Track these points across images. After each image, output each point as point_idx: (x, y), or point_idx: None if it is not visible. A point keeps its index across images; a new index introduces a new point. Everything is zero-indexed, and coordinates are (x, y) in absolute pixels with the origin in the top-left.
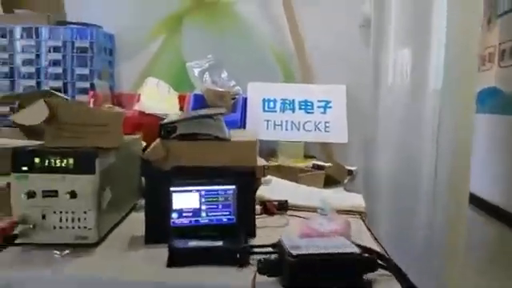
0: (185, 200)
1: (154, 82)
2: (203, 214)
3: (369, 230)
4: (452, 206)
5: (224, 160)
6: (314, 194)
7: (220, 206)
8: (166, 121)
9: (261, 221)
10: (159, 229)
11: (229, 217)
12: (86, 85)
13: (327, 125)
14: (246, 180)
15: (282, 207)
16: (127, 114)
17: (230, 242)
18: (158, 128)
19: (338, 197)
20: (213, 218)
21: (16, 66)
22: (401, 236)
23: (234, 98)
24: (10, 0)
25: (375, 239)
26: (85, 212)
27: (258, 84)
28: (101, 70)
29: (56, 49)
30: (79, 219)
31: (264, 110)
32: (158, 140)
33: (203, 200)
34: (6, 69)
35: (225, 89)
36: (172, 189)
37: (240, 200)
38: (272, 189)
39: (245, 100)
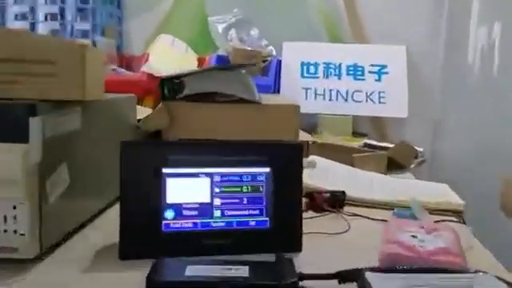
0: (187, 190)
1: (169, 40)
2: (216, 214)
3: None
4: None
5: (251, 131)
6: (380, 182)
7: (245, 201)
8: (169, 75)
9: (306, 222)
10: (143, 237)
11: (259, 218)
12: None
13: (382, 95)
14: (289, 160)
15: (337, 201)
16: (134, 77)
17: (263, 267)
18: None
19: (419, 188)
20: (232, 220)
21: (9, 21)
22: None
23: (265, 61)
24: None
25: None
26: (14, 207)
27: (295, 44)
28: (105, 26)
29: (53, 0)
30: (5, 219)
31: (303, 76)
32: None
33: (217, 190)
34: None
35: (254, 48)
36: (165, 170)
37: (278, 191)
38: (319, 174)
39: (279, 63)
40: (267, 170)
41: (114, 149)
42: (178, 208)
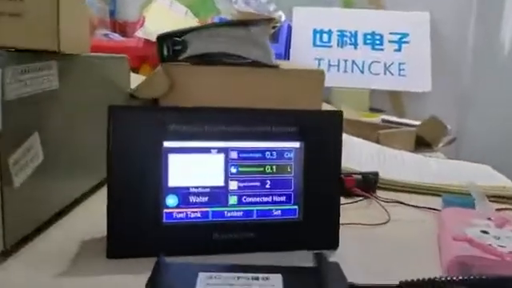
0: (194, 169)
1: (166, 3)
2: (232, 201)
3: None
4: None
5: (267, 100)
6: (413, 162)
7: (268, 184)
8: (169, 31)
9: None
10: (137, 229)
11: (286, 207)
12: None
13: (402, 67)
14: (326, 132)
15: (369, 184)
16: (128, 43)
17: (301, 276)
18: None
19: (459, 170)
20: (252, 208)
21: None
22: None
23: (274, 27)
24: None
25: None
26: None
27: (306, 9)
28: None
29: None
30: None
31: (315, 45)
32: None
33: (233, 170)
34: None
35: (262, 13)
36: (167, 144)
37: (311, 172)
38: (344, 153)
39: (289, 30)
40: (297, 144)
41: (102, 119)
42: (182, 193)
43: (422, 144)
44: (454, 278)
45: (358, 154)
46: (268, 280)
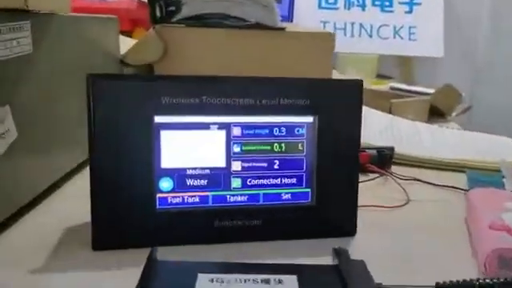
0: (191, 148)
1: None
2: (236, 183)
3: None
4: None
5: (271, 67)
6: (429, 134)
7: (277, 165)
8: None
9: None
10: (126, 217)
11: (297, 190)
12: None
13: (413, 30)
14: (343, 105)
15: (385, 160)
16: (120, 4)
17: (321, 278)
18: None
19: (479, 143)
20: (259, 192)
21: None
22: None
23: None
24: None
25: None
26: None
27: None
28: None
29: None
30: None
31: (320, 7)
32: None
33: (236, 149)
34: None
35: None
36: (159, 119)
37: (325, 151)
38: None
39: None
40: (310, 119)
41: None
42: (178, 175)
43: (435, 113)
44: (501, 280)
45: (370, 126)
46: (281, 284)
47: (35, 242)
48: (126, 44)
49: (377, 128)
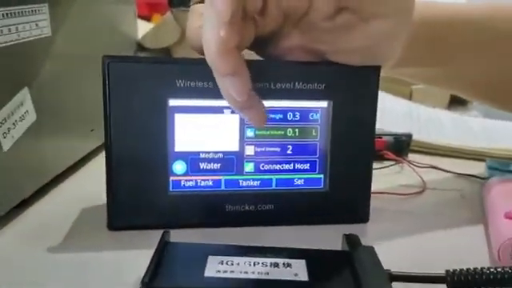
0: (205, 132)
1: None
2: (248, 168)
3: None
4: None
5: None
6: (451, 122)
7: (290, 150)
8: None
9: None
10: (140, 199)
11: (311, 175)
12: None
13: None
14: (358, 89)
15: (402, 147)
16: None
17: (329, 263)
18: None
19: (502, 131)
20: (271, 177)
21: None
22: None
23: None
24: None
25: None
26: None
27: None
28: None
29: None
30: None
31: None
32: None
33: (249, 133)
34: None
35: None
36: (173, 103)
37: (340, 136)
38: None
39: None
40: (324, 104)
41: None
42: (191, 159)
43: (455, 100)
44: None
45: (389, 113)
46: (290, 267)
47: (55, 221)
48: (143, 28)
49: (395, 114)
